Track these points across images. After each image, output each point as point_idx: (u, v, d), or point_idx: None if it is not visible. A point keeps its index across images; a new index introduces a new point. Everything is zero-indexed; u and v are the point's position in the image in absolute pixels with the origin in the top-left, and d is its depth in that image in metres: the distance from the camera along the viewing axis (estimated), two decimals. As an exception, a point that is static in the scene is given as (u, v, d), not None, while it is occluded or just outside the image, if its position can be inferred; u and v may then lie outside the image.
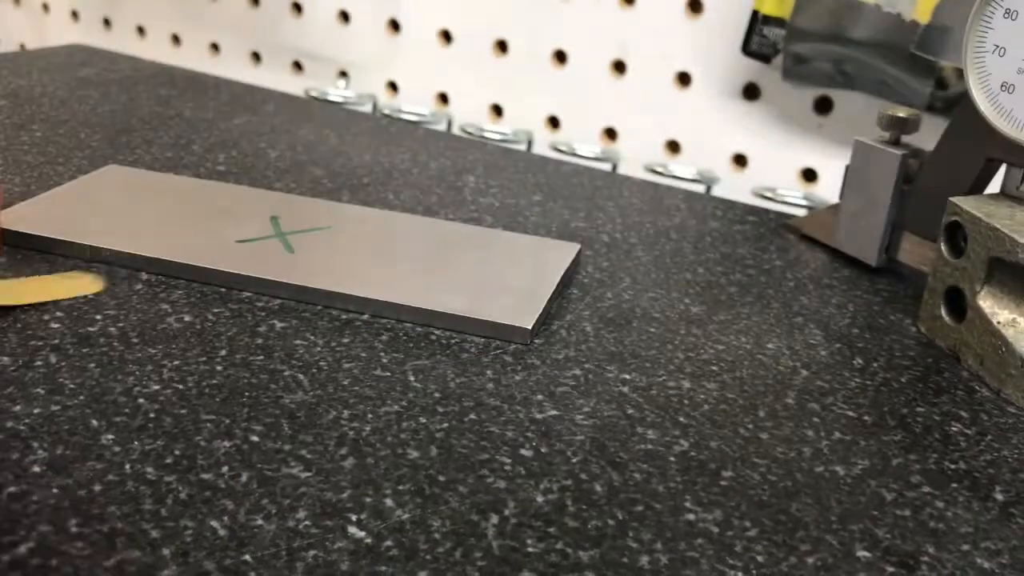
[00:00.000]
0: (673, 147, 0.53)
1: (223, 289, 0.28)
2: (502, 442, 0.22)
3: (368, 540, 0.19)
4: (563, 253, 0.32)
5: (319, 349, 0.25)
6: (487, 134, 0.55)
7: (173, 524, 0.18)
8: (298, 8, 0.61)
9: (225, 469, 0.20)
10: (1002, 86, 0.28)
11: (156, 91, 0.49)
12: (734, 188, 0.51)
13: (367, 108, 0.59)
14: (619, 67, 0.53)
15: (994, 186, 0.31)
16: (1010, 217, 0.28)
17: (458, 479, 0.21)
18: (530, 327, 0.27)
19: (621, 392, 0.25)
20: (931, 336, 0.30)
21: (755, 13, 0.46)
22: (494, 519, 0.20)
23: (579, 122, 0.54)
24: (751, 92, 0.50)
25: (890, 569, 0.19)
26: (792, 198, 0.49)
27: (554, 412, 0.24)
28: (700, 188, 0.51)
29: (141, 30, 0.69)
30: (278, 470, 0.20)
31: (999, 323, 0.27)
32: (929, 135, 0.34)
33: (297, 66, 0.63)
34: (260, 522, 0.19)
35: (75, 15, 0.71)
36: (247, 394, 0.23)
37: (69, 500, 0.19)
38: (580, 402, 0.24)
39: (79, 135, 0.41)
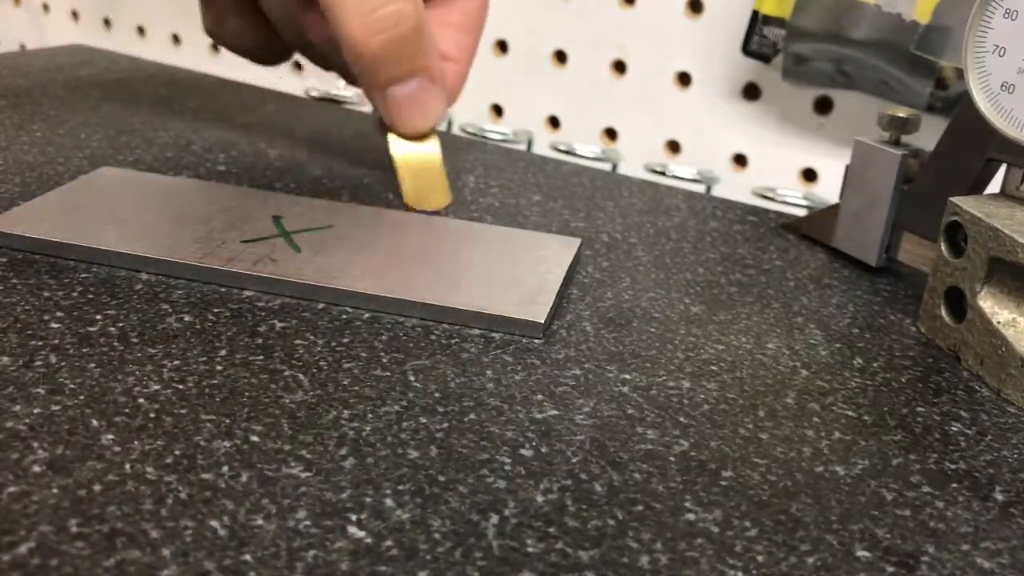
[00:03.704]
0: (673, 147, 0.53)
1: (223, 289, 0.28)
2: (502, 442, 0.22)
3: (368, 540, 0.19)
4: (565, 248, 0.32)
5: (319, 349, 0.25)
6: (487, 134, 0.55)
7: (173, 524, 0.18)
8: (298, 8, 0.61)
9: (225, 469, 0.20)
10: (1002, 86, 0.28)
11: (156, 91, 0.49)
12: (734, 188, 0.51)
13: (367, 108, 0.59)
14: (619, 67, 0.53)
15: (994, 186, 0.31)
16: (1010, 217, 0.28)
17: (458, 479, 0.21)
18: (542, 320, 0.27)
19: (621, 392, 0.25)
20: (931, 336, 0.30)
21: (755, 13, 0.46)
22: (494, 519, 0.20)
23: (579, 122, 0.55)
24: (751, 92, 0.50)
25: (890, 569, 0.19)
26: (792, 198, 0.49)
27: (554, 412, 0.24)
28: (700, 188, 0.51)
29: (141, 30, 0.69)
30: (278, 470, 0.20)
31: (999, 323, 0.27)
32: (929, 135, 0.34)
33: (297, 66, 0.63)
34: (260, 522, 0.19)
35: (75, 15, 0.72)
36: (247, 394, 0.23)
37: (69, 500, 0.19)
38: (580, 402, 0.24)
39: (79, 135, 0.41)
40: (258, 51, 0.38)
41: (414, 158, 0.35)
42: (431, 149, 0.35)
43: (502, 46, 0.55)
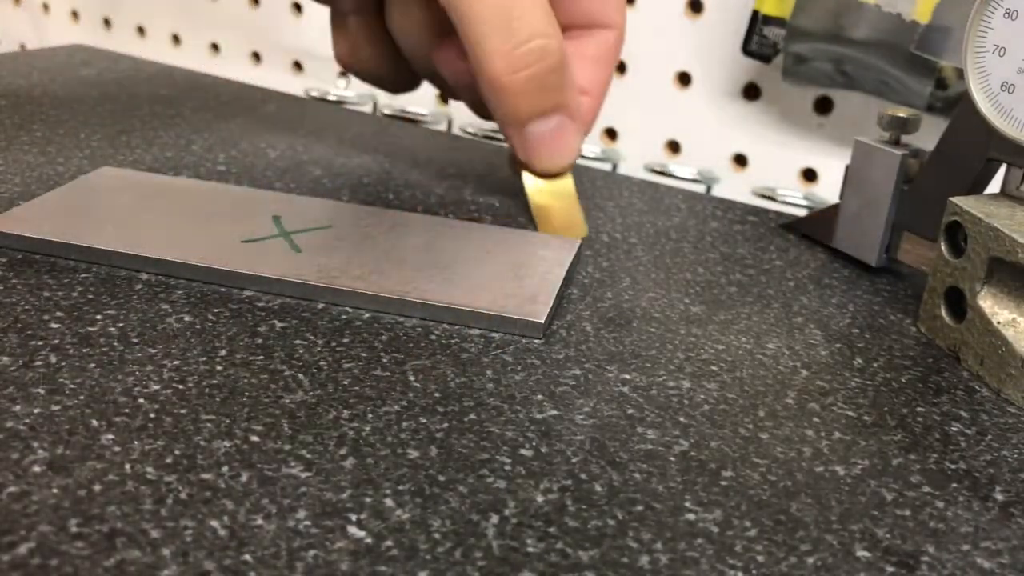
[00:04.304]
0: (673, 147, 0.53)
1: (223, 289, 0.28)
2: (502, 442, 0.22)
3: (368, 540, 0.19)
4: (565, 248, 0.32)
5: (319, 349, 0.25)
6: (487, 134, 0.55)
7: (173, 524, 0.18)
8: (298, 8, 0.61)
9: (225, 469, 0.20)
10: (1002, 86, 0.28)
11: (156, 91, 0.49)
12: (734, 188, 0.51)
13: (367, 108, 0.59)
14: (619, 67, 0.53)
15: (994, 186, 0.31)
16: (1010, 217, 0.28)
17: (458, 479, 0.21)
18: (542, 321, 0.27)
19: (621, 392, 0.25)
20: (931, 336, 0.30)
21: (755, 13, 0.46)
22: (494, 519, 0.20)
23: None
24: (751, 92, 0.50)
25: (890, 569, 0.19)
26: (792, 198, 0.49)
27: (554, 412, 0.24)
28: (700, 188, 0.51)
29: (141, 30, 0.69)
30: (278, 470, 0.20)
31: (999, 323, 0.27)
32: (929, 135, 0.34)
33: (297, 66, 0.63)
34: (260, 522, 0.19)
35: (75, 15, 0.72)
36: (247, 394, 0.23)
37: (69, 500, 0.19)
38: (580, 402, 0.24)
39: (79, 135, 0.41)
40: (389, 80, 0.38)
41: (549, 195, 0.34)
42: (566, 186, 0.34)
43: (502, 46, 0.55)
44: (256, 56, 0.64)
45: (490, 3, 0.29)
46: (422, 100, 0.58)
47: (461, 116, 0.57)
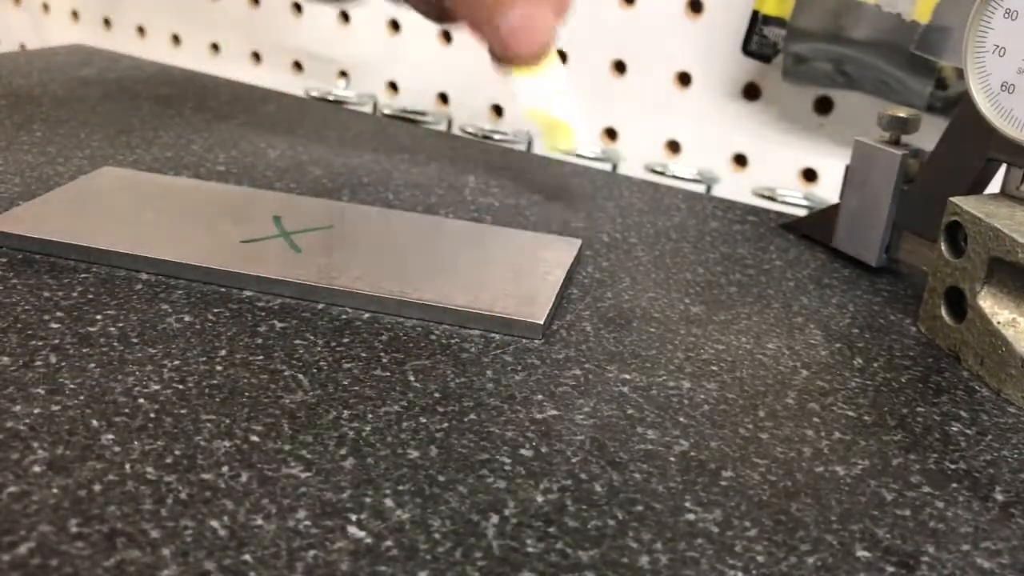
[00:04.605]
0: (673, 147, 0.53)
1: (223, 289, 0.28)
2: (502, 442, 0.22)
3: (368, 540, 0.19)
4: (565, 249, 0.32)
5: (319, 349, 0.25)
6: (487, 134, 0.55)
7: (173, 524, 0.18)
8: (298, 8, 0.61)
9: (225, 469, 0.20)
10: (1002, 86, 0.28)
11: (156, 91, 0.49)
12: (734, 188, 0.51)
13: (367, 108, 0.59)
14: (619, 67, 0.53)
15: (994, 186, 0.31)
16: (1010, 217, 0.28)
17: (458, 479, 0.21)
18: (542, 322, 0.27)
19: (621, 392, 0.25)
20: (931, 336, 0.30)
21: (755, 13, 0.46)
22: (494, 519, 0.20)
23: (579, 122, 0.54)
24: (751, 92, 0.50)
25: (890, 569, 0.19)
26: (792, 198, 0.49)
27: (554, 412, 0.24)
28: (700, 188, 0.51)
29: (141, 30, 0.69)
30: (278, 470, 0.20)
31: (999, 323, 0.27)
32: (929, 135, 0.34)
33: (297, 66, 0.63)
34: (260, 522, 0.19)
35: (75, 15, 0.72)
36: (247, 394, 0.23)
37: (69, 500, 0.19)
38: (580, 402, 0.24)
39: (79, 135, 0.41)
40: None
41: (539, 96, 0.35)
42: (553, 83, 0.35)
43: (502, 46, 0.55)
44: (256, 56, 0.64)
45: None
46: (422, 100, 0.58)
47: (461, 116, 0.57)
